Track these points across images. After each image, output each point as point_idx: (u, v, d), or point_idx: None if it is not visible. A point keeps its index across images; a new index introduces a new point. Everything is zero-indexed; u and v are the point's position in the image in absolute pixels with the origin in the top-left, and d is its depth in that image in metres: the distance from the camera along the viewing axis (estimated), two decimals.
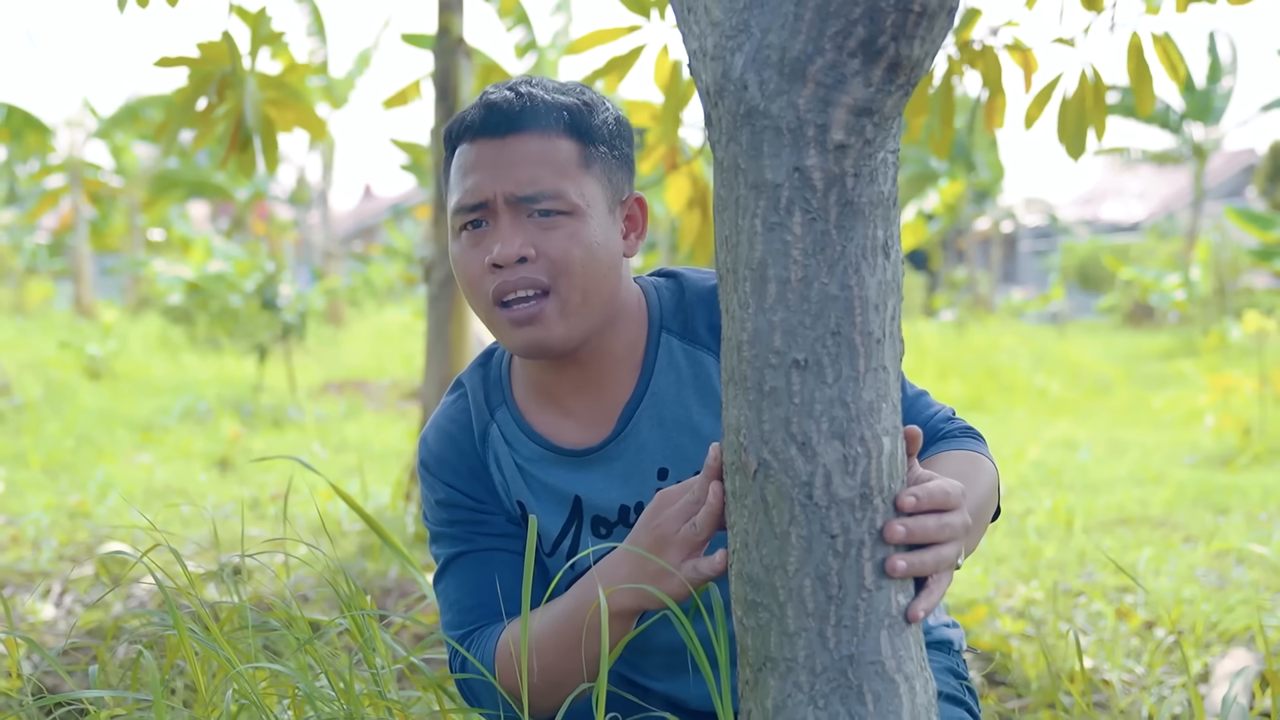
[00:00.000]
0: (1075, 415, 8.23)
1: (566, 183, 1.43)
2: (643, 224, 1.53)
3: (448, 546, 1.57)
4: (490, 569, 1.53)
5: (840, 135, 1.10)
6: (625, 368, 1.53)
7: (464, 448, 1.57)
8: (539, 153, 1.43)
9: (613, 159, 1.48)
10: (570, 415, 1.55)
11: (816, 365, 1.12)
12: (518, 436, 1.56)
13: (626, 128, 1.52)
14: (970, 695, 1.65)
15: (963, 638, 1.74)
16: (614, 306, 1.49)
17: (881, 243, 1.14)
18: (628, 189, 1.52)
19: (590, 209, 1.44)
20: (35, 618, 3.34)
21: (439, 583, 1.58)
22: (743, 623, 1.18)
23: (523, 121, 1.43)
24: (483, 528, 1.56)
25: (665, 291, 1.56)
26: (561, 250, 1.42)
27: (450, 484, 1.57)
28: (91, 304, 20.09)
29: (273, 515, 4.63)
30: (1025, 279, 31.20)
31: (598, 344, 1.50)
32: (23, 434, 6.79)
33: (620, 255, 1.49)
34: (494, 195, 1.42)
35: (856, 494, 1.13)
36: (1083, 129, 2.91)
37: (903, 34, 1.07)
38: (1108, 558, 2.23)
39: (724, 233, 1.16)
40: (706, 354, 1.52)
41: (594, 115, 1.47)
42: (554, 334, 1.44)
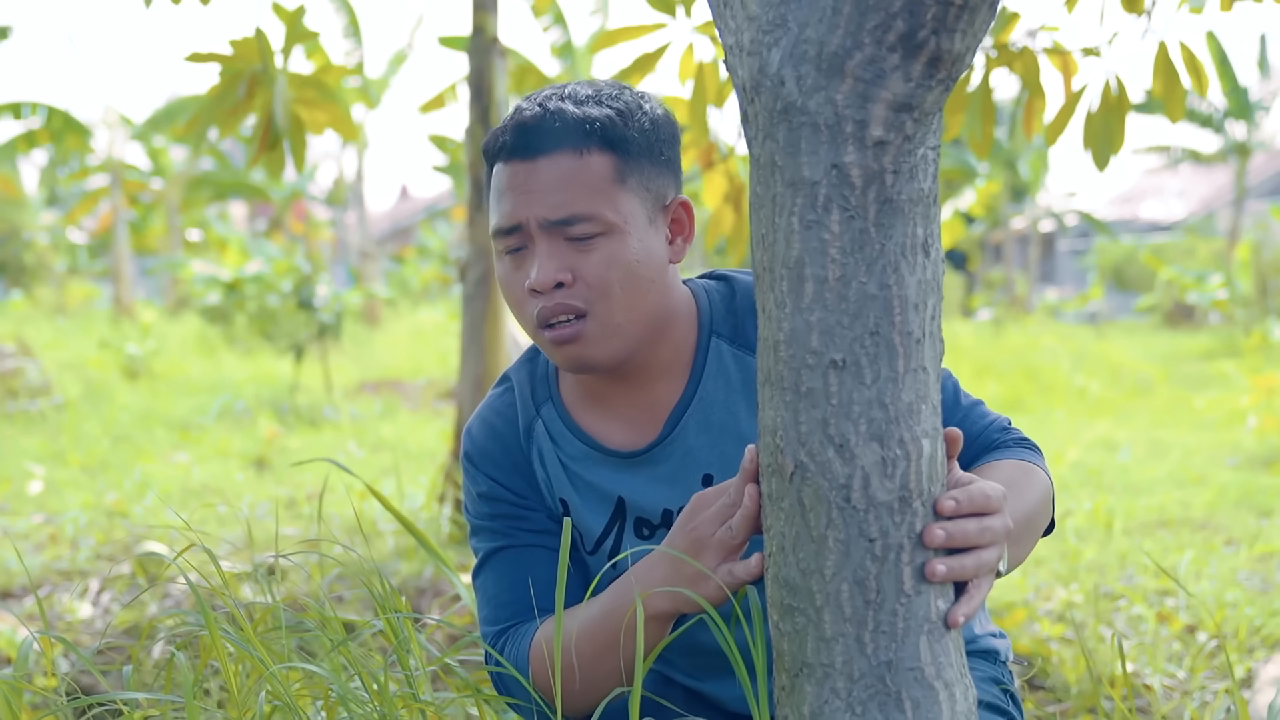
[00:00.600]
0: (1115, 416, 8.15)
1: (600, 202, 1.40)
2: (689, 227, 1.49)
3: (487, 541, 1.56)
4: (529, 566, 1.52)
5: (879, 131, 1.08)
6: (674, 372, 1.51)
7: (508, 442, 1.56)
8: (570, 174, 1.40)
9: (651, 167, 1.45)
10: (617, 417, 1.53)
11: (855, 366, 1.10)
12: (563, 434, 1.55)
13: (667, 128, 1.48)
14: (1015, 706, 1.62)
15: (1008, 648, 1.71)
16: (660, 317, 1.47)
17: (921, 241, 1.11)
18: (672, 192, 1.48)
19: (628, 224, 1.41)
20: (72, 616, 3.36)
21: (477, 577, 1.57)
22: (779, 627, 1.16)
23: (553, 141, 1.40)
24: (523, 523, 1.55)
25: (716, 295, 1.54)
26: (599, 274, 1.40)
27: (493, 477, 1.56)
28: (131, 304, 20.25)
29: (308, 515, 4.64)
30: (1063, 278, 30.95)
31: (645, 352, 1.48)
32: (62, 433, 6.85)
33: (664, 264, 1.46)
34: (527, 220, 1.40)
35: (895, 497, 1.10)
36: (1109, 140, 2.89)
37: (943, 27, 1.05)
38: (1149, 560, 2.19)
39: (760, 231, 1.14)
40: (755, 358, 1.49)
41: (628, 124, 1.43)
42: (597, 353, 1.42)
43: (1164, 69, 2.86)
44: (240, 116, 3.23)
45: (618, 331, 1.42)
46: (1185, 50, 2.83)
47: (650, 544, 1.51)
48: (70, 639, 3.14)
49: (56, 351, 11.52)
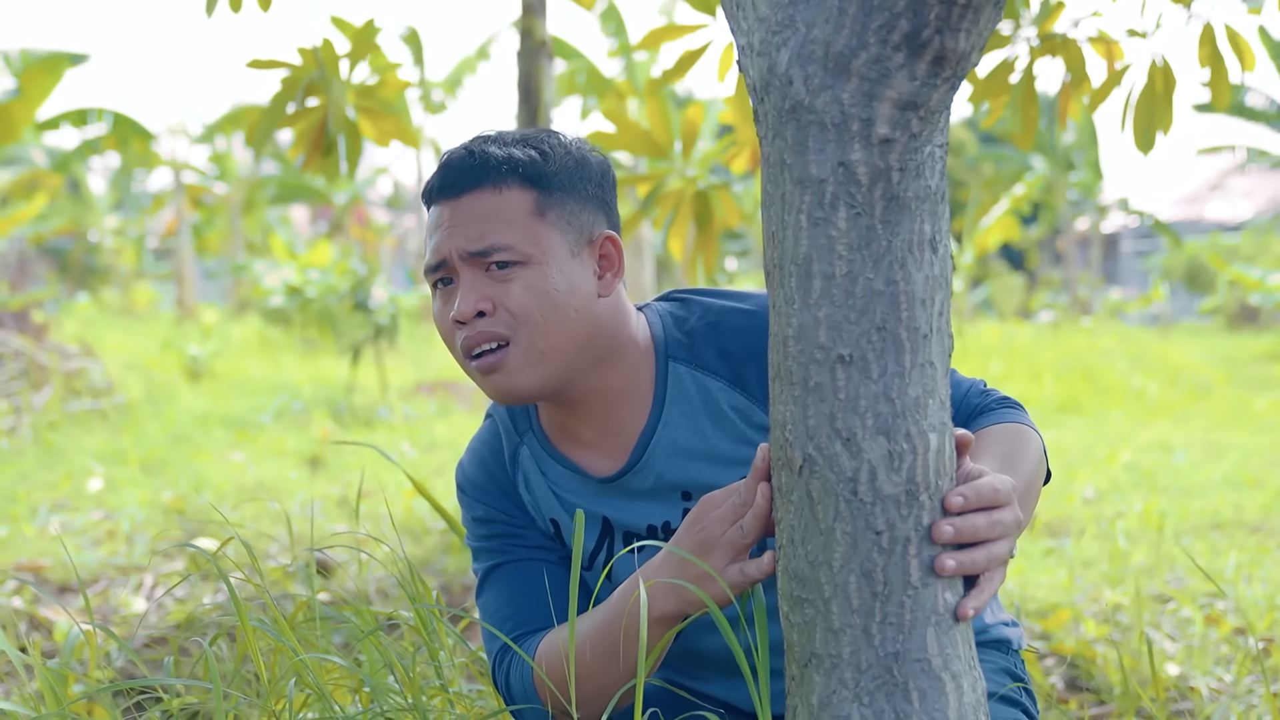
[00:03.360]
0: (1172, 418, 8.06)
1: (517, 234, 1.44)
2: (619, 263, 1.52)
3: (485, 560, 1.62)
4: (527, 578, 1.57)
5: (885, 130, 1.09)
6: (634, 400, 1.54)
7: (494, 471, 1.62)
8: (490, 208, 1.45)
9: (575, 203, 1.49)
10: (589, 446, 1.57)
11: (861, 361, 1.11)
12: (545, 460, 1.60)
13: (596, 169, 1.53)
14: (1028, 697, 1.63)
15: (1021, 637, 1.72)
16: (595, 346, 1.49)
17: (929, 237, 1.13)
18: (599, 228, 1.52)
19: (547, 256, 1.45)
20: (127, 610, 3.43)
21: (479, 597, 1.62)
22: (788, 618, 1.18)
23: (474, 179, 1.46)
24: (518, 540, 1.60)
25: (669, 319, 1.57)
26: (518, 301, 1.43)
27: (485, 503, 1.62)
28: (194, 306, 20.55)
29: (359, 512, 4.70)
30: (1126, 280, 30.56)
31: (594, 382, 1.51)
32: (123, 432, 6.97)
33: (591, 297, 1.48)
34: (450, 253, 1.46)
35: (902, 490, 1.12)
36: (1153, 122, 2.87)
37: (947, 27, 1.06)
38: (1193, 562, 2.18)
39: (770, 228, 1.16)
40: (713, 379, 1.52)
41: (549, 162, 1.48)
42: (520, 381, 1.45)
43: (1209, 51, 2.84)
44: (299, 122, 3.29)
45: (541, 359, 1.45)
46: (1230, 31, 2.81)
47: (644, 552, 1.55)
48: (124, 633, 3.21)
49: (120, 352, 11.72)
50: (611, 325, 1.51)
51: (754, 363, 1.50)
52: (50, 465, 5.77)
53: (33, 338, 8.24)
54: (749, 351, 1.50)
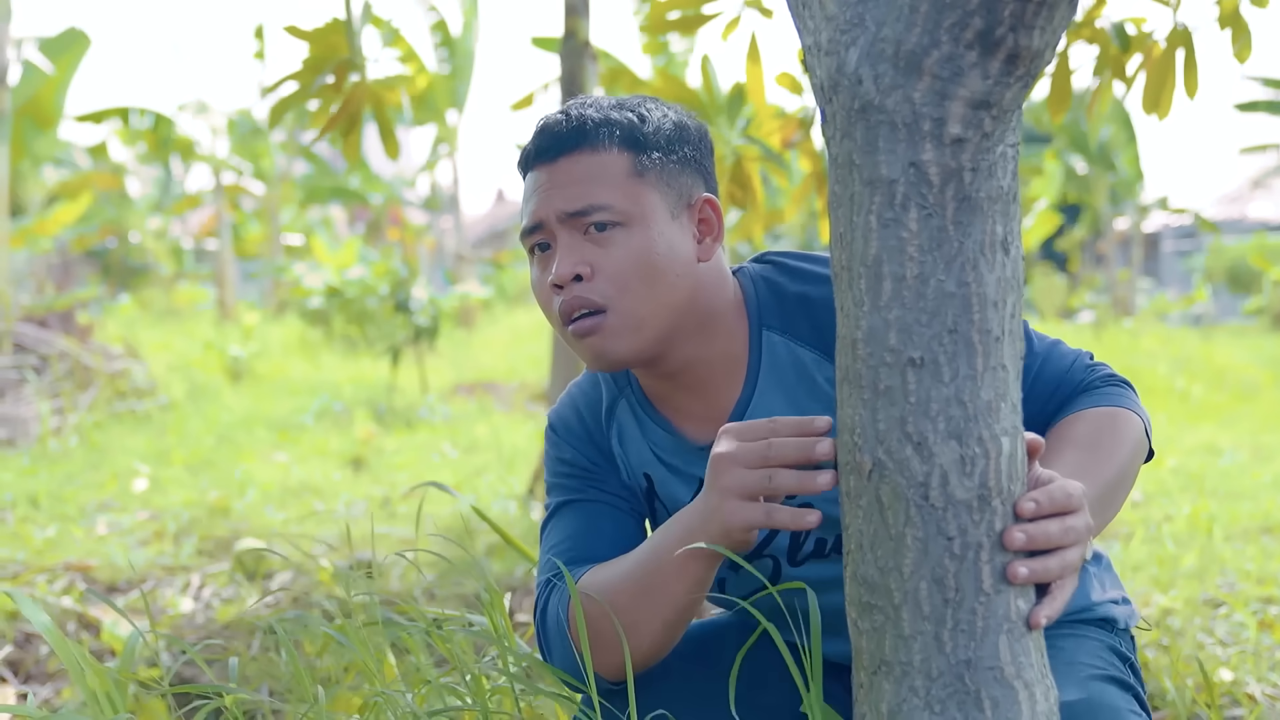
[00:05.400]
0: (1218, 420, 7.97)
1: (617, 193, 1.43)
2: (719, 227, 1.51)
3: (558, 495, 1.61)
4: (594, 518, 1.56)
5: (957, 129, 1.08)
6: (729, 369, 1.52)
7: (588, 421, 1.62)
8: (588, 169, 1.44)
9: (674, 165, 1.48)
10: (686, 414, 1.56)
11: (933, 364, 1.10)
12: (644, 419, 1.58)
13: (694, 133, 1.52)
14: (1135, 677, 1.58)
15: (1132, 615, 1.67)
16: (694, 313, 1.47)
17: (1001, 238, 1.11)
18: (697, 192, 1.50)
19: (647, 216, 1.44)
20: (174, 610, 3.45)
21: (543, 528, 1.61)
22: (857, 625, 1.16)
23: (572, 142, 1.46)
24: (596, 483, 1.59)
25: (764, 286, 1.54)
26: (617, 265, 1.42)
27: (573, 445, 1.61)
28: (234, 306, 20.68)
29: (403, 514, 4.72)
30: (1168, 280, 30.28)
31: (691, 350, 1.49)
32: (167, 433, 7.02)
33: (691, 261, 1.47)
34: (548, 216, 1.44)
35: (974, 495, 1.10)
36: (1165, 85, 2.88)
37: (1021, 24, 1.04)
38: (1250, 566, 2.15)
39: (838, 229, 1.14)
40: (807, 350, 1.50)
41: (646, 124, 1.48)
42: (618, 347, 1.44)
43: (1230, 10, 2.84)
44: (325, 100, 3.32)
45: (640, 326, 1.43)
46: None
47: None
48: (172, 633, 3.23)
49: (163, 353, 11.81)
50: (710, 291, 1.49)
51: None
52: (96, 466, 5.82)
53: (78, 339, 8.32)
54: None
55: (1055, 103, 3.09)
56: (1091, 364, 1.52)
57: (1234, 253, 23.02)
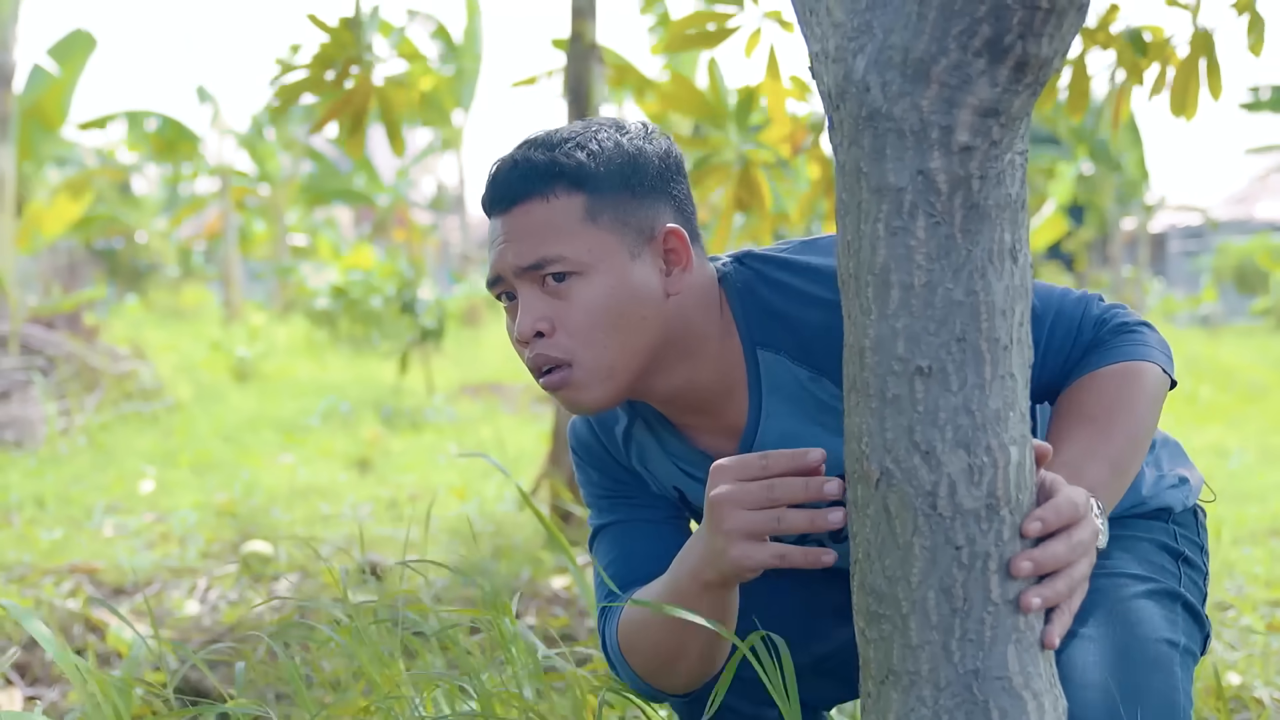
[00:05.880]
0: (1226, 421, 7.95)
1: (571, 243, 1.39)
2: (687, 256, 1.44)
3: (596, 517, 1.63)
4: (635, 540, 1.58)
5: (965, 137, 1.07)
6: (728, 389, 1.49)
7: (605, 442, 1.62)
8: (539, 219, 1.40)
9: (631, 200, 1.42)
10: (698, 429, 1.54)
11: (941, 372, 1.09)
12: (663, 435, 1.57)
13: (648, 158, 1.45)
14: (1188, 567, 1.57)
15: (1190, 494, 1.62)
16: (672, 345, 1.44)
17: (1009, 246, 1.10)
18: (660, 223, 1.44)
19: (605, 263, 1.39)
20: (180, 613, 3.45)
21: (591, 549, 1.64)
22: (865, 634, 1.16)
23: (522, 190, 1.41)
24: (631, 501, 1.61)
25: (750, 299, 1.48)
26: (578, 318, 1.39)
27: (597, 468, 1.62)
28: (241, 307, 20.71)
29: (409, 516, 4.71)
30: (1175, 280, 30.22)
31: (678, 378, 1.47)
32: (174, 434, 7.03)
33: (659, 297, 1.42)
34: (505, 270, 1.42)
35: (982, 505, 1.10)
36: (1190, 87, 2.89)
37: (1030, 32, 1.04)
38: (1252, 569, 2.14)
39: (846, 238, 1.14)
40: (803, 369, 1.46)
41: (598, 161, 1.41)
42: (590, 397, 1.42)
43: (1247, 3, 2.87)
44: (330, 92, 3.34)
45: (609, 374, 1.41)
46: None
47: None
48: (178, 636, 3.23)
49: (169, 354, 11.83)
50: (686, 321, 1.45)
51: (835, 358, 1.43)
52: (103, 467, 5.82)
53: (84, 340, 8.33)
54: (831, 350, 1.42)
55: (1073, 104, 3.09)
56: (1101, 314, 1.47)
57: (1241, 253, 22.98)
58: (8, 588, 3.64)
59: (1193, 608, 1.52)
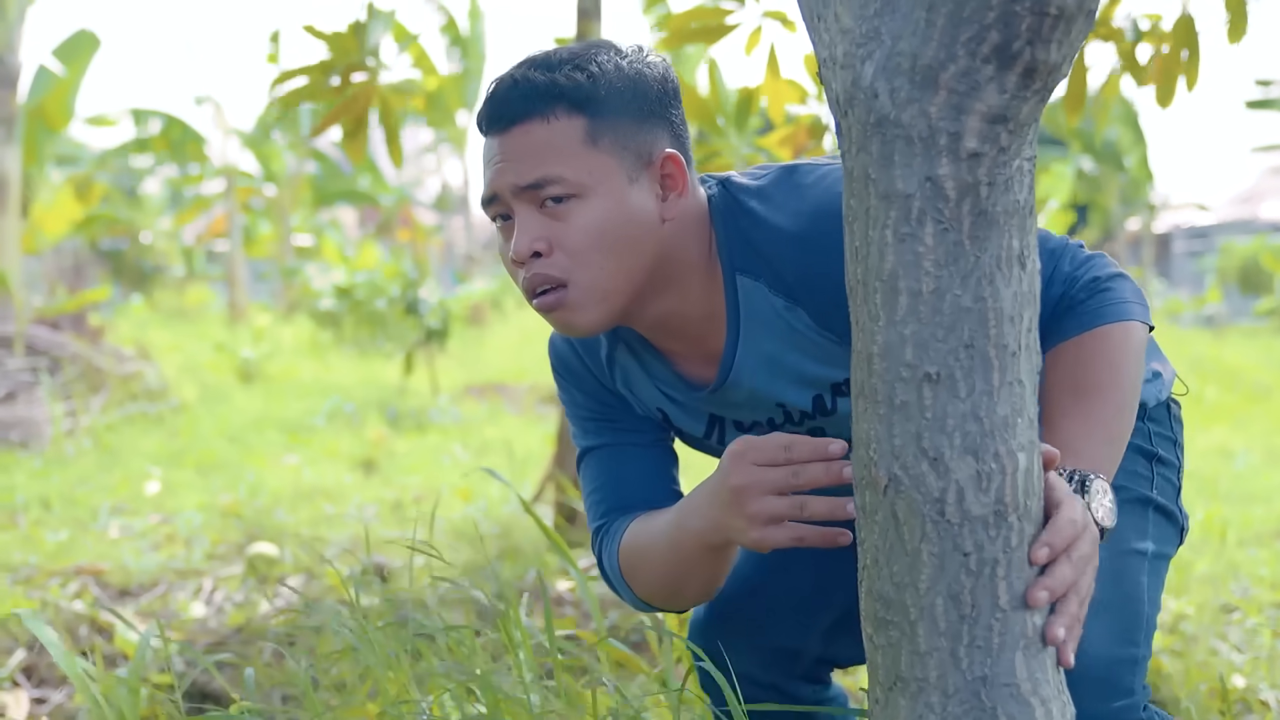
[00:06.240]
0: (1231, 422, 7.95)
1: (570, 164, 1.38)
2: (683, 181, 1.44)
3: (583, 440, 1.64)
4: (622, 464, 1.60)
5: (974, 143, 1.07)
6: (709, 316, 1.50)
7: (589, 363, 1.62)
8: (540, 140, 1.39)
9: (630, 124, 1.42)
10: (679, 355, 1.56)
11: (949, 379, 1.09)
12: (646, 359, 1.58)
13: (648, 81, 1.44)
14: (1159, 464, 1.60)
15: (1163, 387, 1.64)
16: (662, 270, 1.45)
17: (1017, 253, 1.11)
18: (659, 147, 1.44)
19: (604, 186, 1.39)
20: (186, 615, 3.46)
21: (578, 469, 1.66)
22: (872, 640, 1.16)
23: (521, 110, 1.40)
24: (616, 425, 1.62)
25: (731, 227, 1.48)
26: (574, 240, 1.39)
27: (581, 390, 1.63)
28: (245, 307, 20.73)
29: (414, 517, 4.72)
30: (1180, 280, 30.19)
31: (663, 305, 1.48)
32: (179, 435, 7.04)
33: (654, 222, 1.42)
34: (503, 189, 1.41)
35: (990, 511, 1.10)
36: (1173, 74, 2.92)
37: (1038, 38, 1.04)
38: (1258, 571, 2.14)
39: (854, 244, 1.14)
40: (780, 298, 1.46)
41: (598, 84, 1.40)
42: (583, 318, 1.42)
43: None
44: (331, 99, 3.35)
45: (604, 296, 1.41)
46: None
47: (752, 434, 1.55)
48: (184, 638, 3.23)
49: (174, 354, 11.84)
50: (677, 248, 1.45)
51: (809, 292, 1.44)
52: (108, 468, 5.83)
53: (89, 341, 8.34)
54: (806, 285, 1.45)
55: (1071, 105, 3.09)
56: (1073, 271, 1.47)
57: (1245, 253, 22.95)
58: (14, 589, 3.64)
59: (1164, 508, 1.58)
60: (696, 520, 1.38)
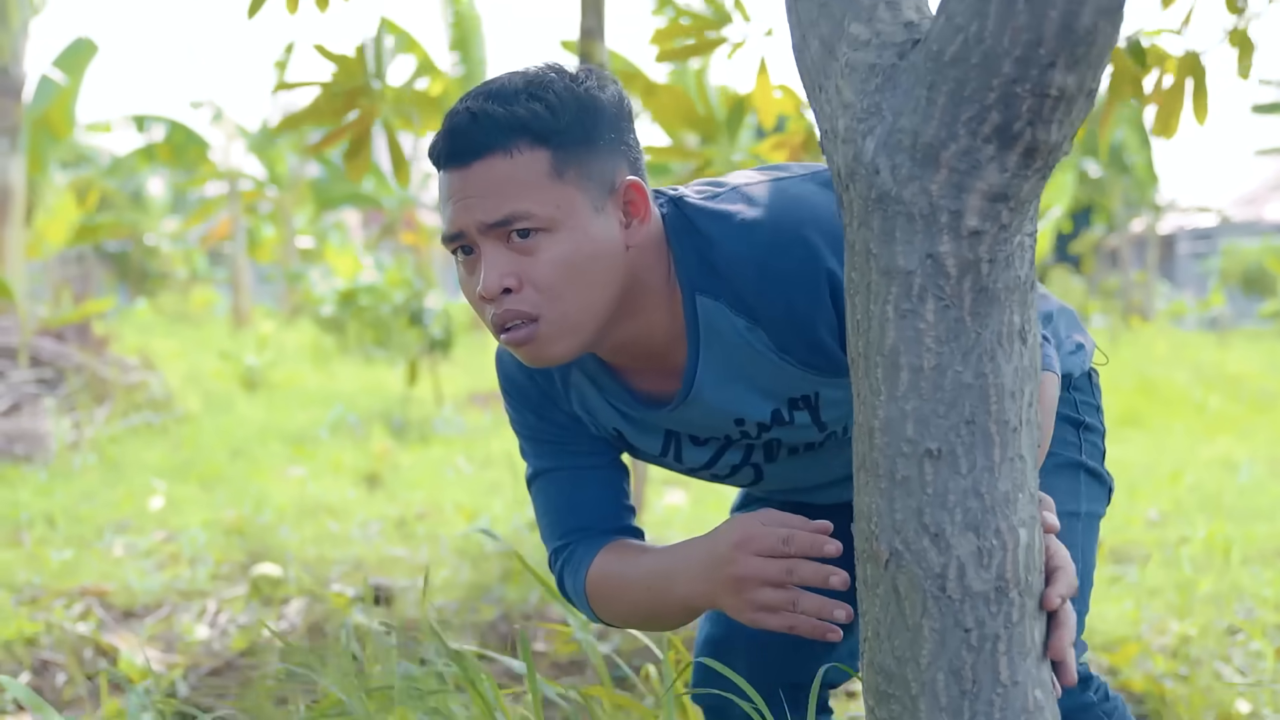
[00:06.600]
0: (1235, 432, 7.93)
1: (537, 199, 1.37)
2: (645, 207, 1.44)
3: (534, 461, 1.65)
4: (577, 486, 1.62)
5: (975, 221, 1.07)
6: (670, 336, 1.50)
7: (542, 384, 1.62)
8: (503, 174, 1.37)
9: (591, 154, 1.40)
10: (638, 374, 1.56)
11: (950, 455, 1.10)
12: (602, 380, 1.58)
13: (604, 109, 1.43)
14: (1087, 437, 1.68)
15: (1085, 358, 1.70)
16: (627, 297, 1.45)
17: (1018, 328, 1.11)
18: (621, 175, 1.43)
19: (571, 218, 1.38)
20: (190, 637, 3.46)
21: (530, 488, 1.67)
22: (874, 713, 1.16)
23: (482, 146, 1.37)
24: (568, 447, 1.62)
25: (688, 247, 1.48)
26: (545, 274, 1.38)
27: (534, 411, 1.63)
28: (249, 312, 20.74)
29: (418, 535, 4.72)
30: (1184, 282, 30.15)
31: (626, 330, 1.48)
32: (183, 446, 7.04)
33: (619, 251, 1.42)
34: (468, 226, 1.39)
35: (991, 587, 1.10)
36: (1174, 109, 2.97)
37: (1039, 119, 1.04)
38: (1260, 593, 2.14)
39: (855, 317, 1.14)
40: (739, 317, 1.47)
41: (559, 116, 1.38)
42: (554, 350, 1.42)
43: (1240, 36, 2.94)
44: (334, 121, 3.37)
45: (575, 328, 1.41)
46: None
47: (707, 449, 1.61)
48: (187, 660, 3.24)
49: (178, 362, 11.85)
50: (640, 272, 1.45)
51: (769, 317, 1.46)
52: (113, 483, 5.84)
53: (94, 351, 8.34)
54: (765, 307, 1.46)
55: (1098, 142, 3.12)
56: None
57: (1250, 255, 22.93)
58: (19, 610, 3.65)
59: (1094, 470, 1.66)
60: (686, 586, 1.42)
